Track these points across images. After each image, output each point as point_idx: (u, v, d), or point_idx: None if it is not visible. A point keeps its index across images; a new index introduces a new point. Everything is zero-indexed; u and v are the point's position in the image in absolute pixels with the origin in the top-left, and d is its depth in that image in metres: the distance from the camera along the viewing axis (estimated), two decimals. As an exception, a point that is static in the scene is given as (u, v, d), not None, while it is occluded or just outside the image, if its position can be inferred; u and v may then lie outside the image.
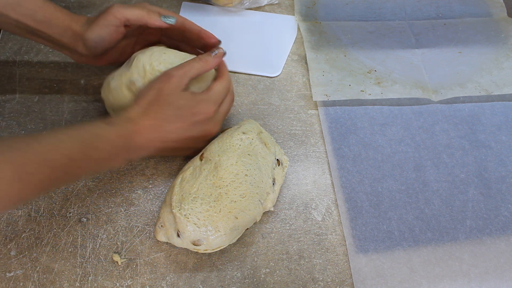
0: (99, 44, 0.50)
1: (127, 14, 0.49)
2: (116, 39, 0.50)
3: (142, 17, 0.49)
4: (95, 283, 0.46)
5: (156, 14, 0.50)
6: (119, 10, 0.48)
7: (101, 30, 0.49)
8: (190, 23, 0.53)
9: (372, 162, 0.57)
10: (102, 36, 0.49)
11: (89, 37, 0.49)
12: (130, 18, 0.49)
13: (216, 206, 0.45)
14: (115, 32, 0.49)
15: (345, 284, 0.49)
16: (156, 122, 0.45)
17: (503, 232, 0.53)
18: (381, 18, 0.72)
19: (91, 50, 0.50)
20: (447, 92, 0.63)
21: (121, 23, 0.49)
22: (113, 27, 0.49)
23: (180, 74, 0.46)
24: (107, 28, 0.49)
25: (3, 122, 0.56)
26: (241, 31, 0.68)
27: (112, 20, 0.48)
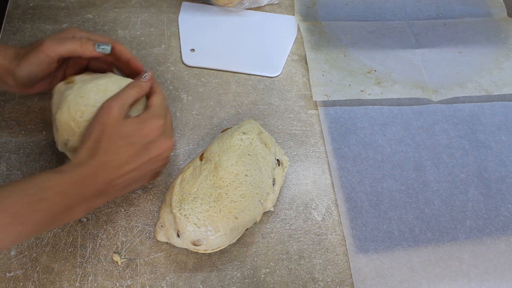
0: (30, 80, 0.48)
1: (60, 51, 0.47)
2: (48, 73, 0.49)
3: (75, 50, 0.47)
4: (95, 283, 0.46)
5: (90, 44, 0.48)
6: (50, 47, 0.46)
7: (32, 68, 0.47)
8: (121, 50, 0.51)
9: (372, 162, 0.57)
10: (33, 73, 0.48)
11: (19, 74, 0.47)
12: (63, 54, 0.47)
13: (216, 206, 0.45)
14: (47, 69, 0.48)
15: (345, 284, 0.49)
16: (109, 157, 0.42)
17: (503, 232, 0.53)
18: (381, 18, 0.72)
19: (22, 84, 0.49)
20: (447, 92, 0.63)
21: (53, 61, 0.47)
22: (44, 64, 0.47)
23: (119, 103, 0.44)
24: (39, 66, 0.47)
25: (3, 122, 0.56)
26: (241, 31, 0.68)
27: (44, 58, 0.47)
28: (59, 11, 0.66)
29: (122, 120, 0.43)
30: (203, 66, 0.64)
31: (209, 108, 0.60)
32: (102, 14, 0.67)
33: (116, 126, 0.43)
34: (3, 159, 0.53)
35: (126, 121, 0.43)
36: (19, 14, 0.65)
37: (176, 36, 0.66)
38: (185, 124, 0.58)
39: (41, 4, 0.67)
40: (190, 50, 0.65)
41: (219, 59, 0.64)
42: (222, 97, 0.61)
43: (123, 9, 0.68)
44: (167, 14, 0.68)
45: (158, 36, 0.66)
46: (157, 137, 0.45)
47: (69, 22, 0.65)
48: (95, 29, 0.65)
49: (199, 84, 0.62)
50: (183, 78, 0.62)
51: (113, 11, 0.67)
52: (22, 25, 0.64)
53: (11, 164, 0.53)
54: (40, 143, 0.54)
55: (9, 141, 0.54)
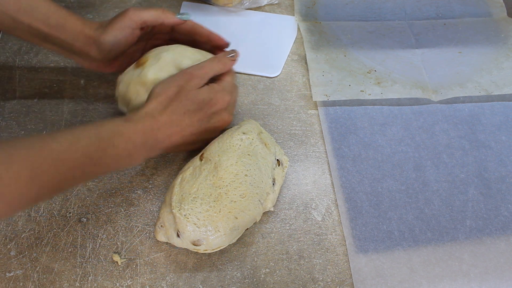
0: (113, 47, 0.50)
1: (144, 16, 0.50)
2: (131, 42, 0.51)
3: (158, 17, 0.50)
4: (95, 283, 0.46)
5: (171, 12, 0.51)
6: (135, 12, 0.49)
7: (117, 33, 0.49)
8: (199, 26, 0.54)
9: (372, 162, 0.57)
10: (118, 39, 0.49)
11: (105, 39, 0.49)
12: (147, 19, 0.50)
13: (216, 206, 0.45)
14: (130, 35, 0.50)
15: (345, 284, 0.49)
16: (176, 117, 0.45)
17: (503, 232, 0.53)
18: (381, 18, 0.72)
19: (105, 54, 0.50)
20: (447, 92, 0.63)
21: (138, 26, 0.50)
22: (129, 29, 0.49)
23: (200, 73, 0.47)
24: (123, 31, 0.49)
25: (3, 122, 0.56)
26: (241, 31, 0.68)
27: (129, 22, 0.49)
28: (59, 11, 0.66)
29: (198, 89, 0.47)
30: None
31: (209, 108, 0.60)
32: (102, 14, 0.67)
33: (191, 92, 0.46)
34: (3, 159, 0.53)
35: (201, 89, 0.47)
36: (19, 14, 0.65)
37: (176, 36, 0.66)
38: (185, 124, 0.58)
39: (41, 4, 0.67)
40: None
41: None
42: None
43: (123, 9, 0.67)
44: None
45: (158, 36, 0.66)
46: (221, 110, 0.49)
47: (69, 22, 0.65)
48: (95, 29, 0.65)
49: (199, 84, 0.62)
50: (183, 78, 0.62)
51: (113, 11, 0.67)
52: (22, 25, 0.64)
53: (11, 164, 0.53)
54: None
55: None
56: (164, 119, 0.45)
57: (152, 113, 0.44)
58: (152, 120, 0.44)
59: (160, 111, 0.45)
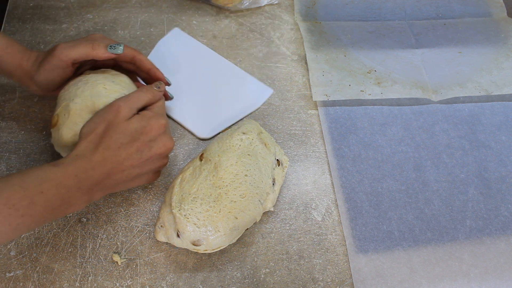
0: (49, 85, 0.49)
1: (72, 54, 0.47)
2: (66, 77, 0.50)
3: (87, 53, 0.48)
4: (95, 283, 0.46)
5: (102, 46, 0.49)
6: (63, 52, 0.47)
7: (48, 74, 0.48)
8: (142, 59, 0.51)
9: (372, 162, 0.57)
10: (51, 78, 0.49)
11: (38, 79, 0.48)
12: (76, 57, 0.48)
13: (216, 206, 0.45)
14: (63, 73, 0.49)
15: (345, 284, 0.49)
16: (111, 153, 0.42)
17: (503, 232, 0.53)
18: (381, 18, 0.72)
19: (43, 89, 0.50)
20: (447, 92, 0.63)
21: (68, 65, 0.48)
22: (59, 69, 0.48)
23: (128, 105, 0.45)
24: (54, 71, 0.48)
25: (3, 122, 0.56)
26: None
27: (58, 63, 0.47)
28: (59, 11, 0.66)
29: (128, 120, 0.44)
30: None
31: (209, 108, 0.60)
32: (102, 14, 0.67)
33: (122, 124, 0.43)
34: (3, 159, 0.53)
35: (130, 120, 0.44)
36: (19, 14, 0.65)
37: (176, 36, 0.66)
38: (185, 124, 0.58)
39: (41, 4, 0.67)
40: None
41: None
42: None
43: (123, 9, 0.68)
44: (167, 14, 0.68)
45: (158, 36, 0.66)
46: (159, 135, 0.45)
47: (69, 22, 0.65)
48: (95, 29, 0.65)
49: (199, 84, 0.62)
50: (183, 78, 0.62)
51: (113, 11, 0.67)
52: (22, 25, 0.64)
53: (11, 164, 0.53)
54: (40, 143, 0.54)
55: (9, 141, 0.54)
56: (97, 158, 0.42)
57: (83, 154, 0.42)
58: (84, 160, 0.41)
59: (92, 150, 0.42)
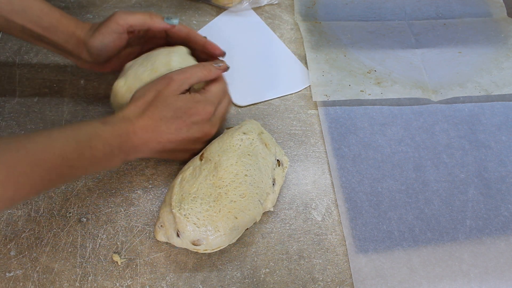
0: (102, 52, 0.50)
1: (130, 20, 0.49)
2: (119, 46, 0.50)
3: (144, 21, 0.49)
4: (95, 283, 0.46)
5: (159, 17, 0.50)
6: (121, 16, 0.48)
7: (104, 38, 0.49)
8: (195, 34, 0.53)
9: (372, 162, 0.57)
10: (105, 44, 0.49)
11: (92, 44, 0.49)
12: (133, 23, 0.49)
13: (216, 206, 0.45)
14: (118, 39, 0.49)
15: (345, 284, 0.49)
16: (153, 123, 0.44)
17: (503, 232, 0.53)
18: (381, 18, 0.72)
19: (95, 57, 0.50)
20: (447, 92, 0.63)
21: (124, 30, 0.49)
22: (115, 34, 0.49)
23: (181, 79, 0.46)
24: (109, 36, 0.49)
25: (3, 122, 0.56)
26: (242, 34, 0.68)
27: (115, 27, 0.48)
28: (59, 11, 0.66)
29: (177, 95, 0.46)
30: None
31: (209, 108, 0.60)
32: (102, 14, 0.67)
33: (169, 98, 0.45)
34: (3, 159, 0.53)
35: (179, 96, 0.46)
36: (19, 14, 0.65)
37: (176, 36, 0.66)
38: (185, 124, 0.58)
39: (41, 4, 0.67)
40: None
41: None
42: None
43: (123, 9, 0.68)
44: (167, 14, 0.68)
45: (158, 36, 0.66)
46: (202, 121, 0.47)
47: (69, 22, 0.65)
48: (95, 29, 0.65)
49: (199, 84, 0.62)
50: (183, 78, 0.62)
51: (112, 11, 0.67)
52: (22, 25, 0.64)
53: (11, 164, 0.53)
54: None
55: (9, 141, 0.54)
56: (140, 124, 0.44)
57: (129, 117, 0.44)
58: (128, 123, 0.43)
59: (137, 115, 0.44)
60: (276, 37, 0.68)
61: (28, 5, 0.47)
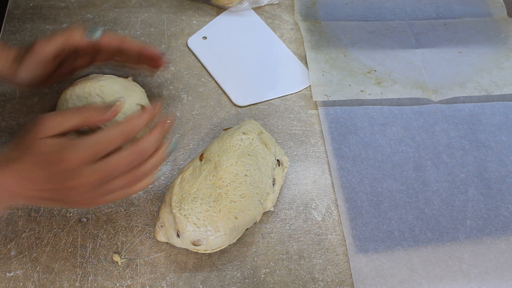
0: (33, 81, 0.48)
1: (49, 49, 0.46)
2: (49, 73, 0.49)
3: (64, 43, 0.47)
4: (95, 283, 0.46)
5: (79, 33, 0.47)
6: (40, 48, 0.46)
7: (30, 71, 0.47)
8: (129, 41, 0.49)
9: (372, 162, 0.57)
10: (33, 75, 0.48)
11: (20, 77, 0.47)
12: (55, 50, 0.47)
13: (216, 206, 0.45)
14: (44, 69, 0.48)
15: (345, 284, 0.49)
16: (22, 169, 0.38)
17: (503, 232, 0.53)
18: (381, 18, 0.72)
19: (27, 85, 0.49)
20: (447, 92, 0.63)
21: (48, 59, 0.47)
22: (40, 64, 0.47)
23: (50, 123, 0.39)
24: (35, 67, 0.47)
25: (3, 122, 0.56)
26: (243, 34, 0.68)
27: (37, 59, 0.46)
28: (59, 11, 0.66)
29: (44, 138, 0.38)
30: (206, 66, 0.64)
31: (209, 108, 0.60)
32: (102, 14, 0.67)
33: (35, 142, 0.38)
34: (3, 159, 0.53)
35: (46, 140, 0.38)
36: (19, 14, 0.65)
37: (176, 36, 0.66)
38: (185, 124, 0.58)
39: (41, 4, 0.67)
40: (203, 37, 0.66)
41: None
42: (222, 97, 0.61)
43: (123, 9, 0.68)
44: (167, 14, 0.68)
45: (158, 36, 0.66)
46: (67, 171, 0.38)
47: (69, 22, 0.65)
48: (95, 29, 0.65)
49: (199, 84, 0.62)
50: (183, 78, 0.62)
51: (113, 11, 0.67)
52: (22, 25, 0.64)
53: (11, 164, 0.53)
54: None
55: (9, 141, 0.54)
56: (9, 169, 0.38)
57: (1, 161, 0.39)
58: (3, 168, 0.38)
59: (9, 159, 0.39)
60: (276, 37, 0.68)
61: None
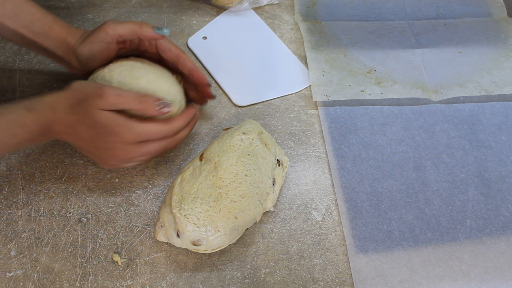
0: (90, 60, 0.49)
1: (119, 29, 0.48)
2: (108, 56, 0.49)
3: (134, 30, 0.48)
4: (95, 283, 0.46)
5: (150, 26, 0.49)
6: (111, 26, 0.48)
7: (92, 46, 0.48)
8: (185, 57, 0.51)
9: (372, 162, 0.57)
10: (93, 52, 0.48)
11: (81, 52, 0.48)
12: (123, 33, 0.48)
13: (216, 206, 0.45)
14: (106, 49, 0.49)
15: (345, 284, 0.49)
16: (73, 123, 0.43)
17: (503, 232, 0.53)
18: (381, 18, 0.72)
19: (83, 65, 0.49)
20: (447, 92, 0.63)
21: (113, 40, 0.48)
22: (104, 43, 0.48)
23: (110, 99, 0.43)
24: (98, 45, 0.48)
25: (3, 122, 0.56)
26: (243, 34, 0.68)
27: (104, 36, 0.47)
28: (59, 11, 0.66)
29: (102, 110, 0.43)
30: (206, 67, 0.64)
31: (209, 108, 0.60)
32: (102, 14, 0.67)
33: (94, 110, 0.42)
34: (3, 159, 0.53)
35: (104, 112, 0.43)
36: (19, 14, 0.65)
37: (176, 36, 0.66)
38: (185, 124, 0.58)
39: (41, 4, 0.66)
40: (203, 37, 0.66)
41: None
42: (222, 97, 0.61)
43: (123, 9, 0.68)
44: (167, 14, 0.68)
45: (158, 36, 0.66)
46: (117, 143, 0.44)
47: (69, 22, 0.65)
48: (95, 29, 0.65)
49: (199, 84, 0.62)
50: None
51: (113, 11, 0.67)
52: (22, 25, 0.64)
53: (11, 164, 0.53)
54: (40, 143, 0.54)
55: (9, 141, 0.54)
56: (63, 118, 0.43)
57: (55, 106, 0.43)
58: (52, 113, 0.43)
59: (63, 108, 0.43)
60: (276, 37, 0.68)
61: (21, 10, 0.47)
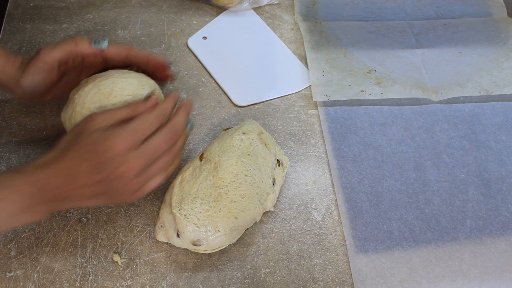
0: (36, 89, 0.48)
1: (56, 54, 0.46)
2: (52, 81, 0.48)
3: (71, 51, 0.47)
4: (95, 283, 0.46)
5: (85, 41, 0.47)
6: (46, 52, 0.46)
7: (33, 77, 0.47)
8: (136, 52, 0.49)
9: (372, 162, 0.57)
10: (35, 83, 0.47)
11: (23, 83, 0.47)
12: (60, 57, 0.46)
13: (216, 206, 0.45)
14: (48, 76, 0.47)
15: (345, 284, 0.49)
16: (64, 166, 0.38)
17: (503, 232, 0.53)
18: (381, 18, 0.72)
19: (29, 94, 0.48)
20: (447, 92, 0.63)
21: (52, 67, 0.47)
22: (45, 72, 0.47)
23: (102, 117, 0.41)
24: (39, 75, 0.47)
25: (3, 122, 0.56)
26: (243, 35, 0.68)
27: (42, 66, 0.46)
28: (59, 11, 0.66)
29: (93, 131, 0.40)
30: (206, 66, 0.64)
31: (209, 108, 0.60)
32: (102, 14, 0.67)
33: (84, 135, 0.40)
34: (3, 159, 0.53)
35: (93, 132, 0.40)
36: (19, 14, 0.65)
37: (176, 36, 0.66)
38: (185, 124, 0.58)
39: (41, 4, 0.67)
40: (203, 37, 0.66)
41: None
42: (222, 97, 0.61)
43: (123, 9, 0.68)
44: (167, 14, 0.68)
45: (158, 36, 0.66)
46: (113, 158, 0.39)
47: (69, 22, 0.65)
48: (95, 29, 0.65)
49: (199, 84, 0.62)
50: (183, 78, 0.62)
51: (113, 11, 0.67)
52: (22, 25, 0.64)
53: (11, 164, 0.53)
54: (40, 143, 0.55)
55: (9, 141, 0.54)
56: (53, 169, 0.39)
57: (45, 162, 0.39)
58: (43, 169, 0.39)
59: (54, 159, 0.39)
60: (276, 37, 0.68)
61: None
